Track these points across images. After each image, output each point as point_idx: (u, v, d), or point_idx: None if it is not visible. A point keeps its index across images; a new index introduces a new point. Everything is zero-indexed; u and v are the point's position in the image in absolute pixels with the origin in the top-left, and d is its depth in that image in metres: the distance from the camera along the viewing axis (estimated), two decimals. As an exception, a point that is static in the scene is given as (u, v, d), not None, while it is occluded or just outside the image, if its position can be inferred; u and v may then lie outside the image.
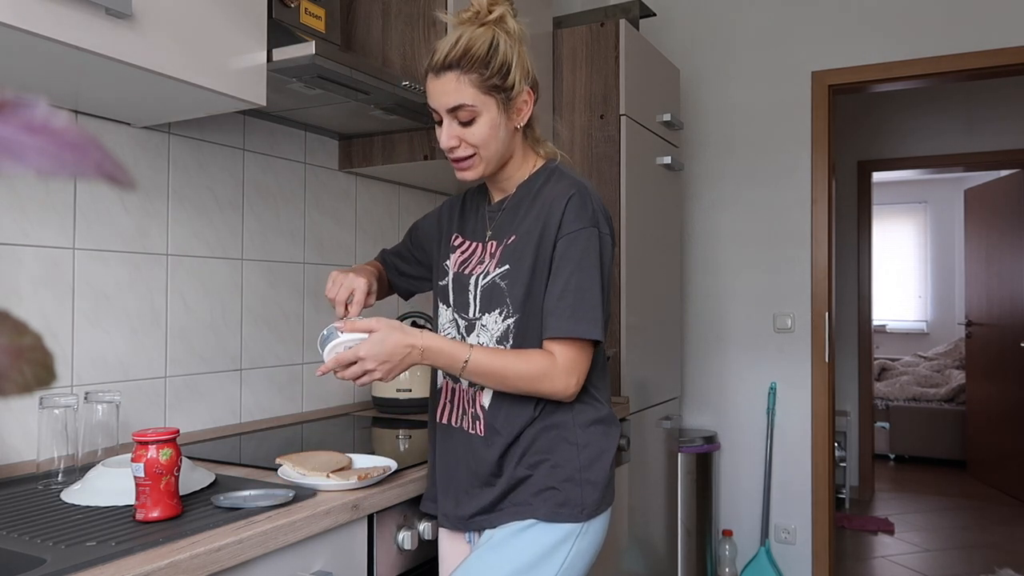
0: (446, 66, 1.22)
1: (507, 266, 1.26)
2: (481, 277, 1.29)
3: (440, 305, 1.38)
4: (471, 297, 1.30)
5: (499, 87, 1.23)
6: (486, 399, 1.28)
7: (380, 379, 1.18)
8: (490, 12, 1.24)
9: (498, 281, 1.26)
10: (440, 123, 1.27)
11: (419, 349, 1.18)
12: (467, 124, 1.24)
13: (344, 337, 1.16)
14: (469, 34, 1.22)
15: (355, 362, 1.16)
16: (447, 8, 1.93)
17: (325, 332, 1.19)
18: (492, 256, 1.29)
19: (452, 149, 1.26)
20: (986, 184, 5.32)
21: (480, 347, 1.21)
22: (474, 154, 1.26)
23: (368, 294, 1.37)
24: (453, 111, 1.23)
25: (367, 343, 1.15)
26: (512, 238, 1.27)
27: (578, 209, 1.22)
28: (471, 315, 1.30)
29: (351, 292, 1.35)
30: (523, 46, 1.27)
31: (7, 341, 0.30)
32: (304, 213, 2.06)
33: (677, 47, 3.46)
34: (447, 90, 1.22)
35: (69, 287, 1.49)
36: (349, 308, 1.36)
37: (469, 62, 1.21)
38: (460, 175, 1.29)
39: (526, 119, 1.29)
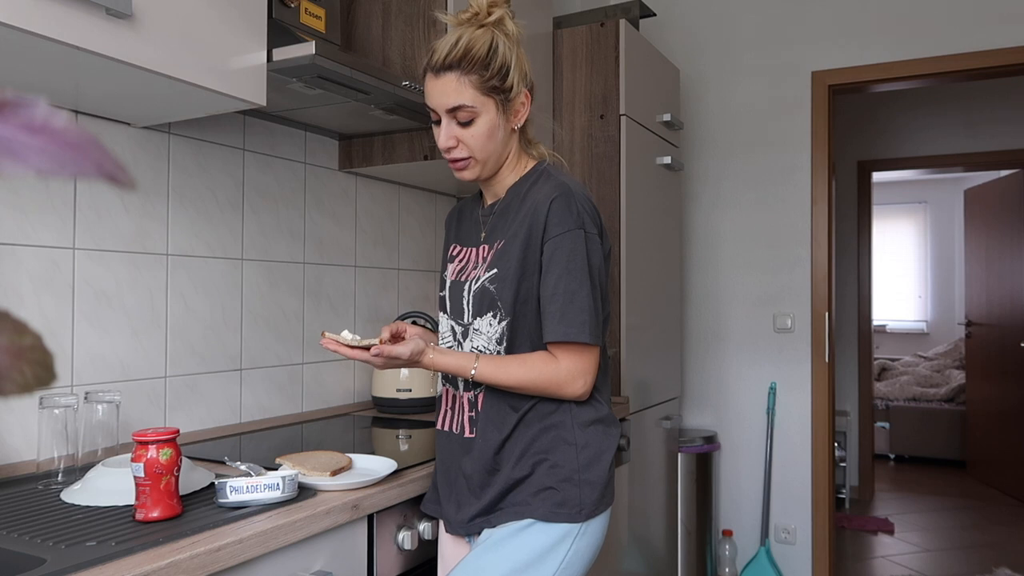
0: (446, 66, 1.22)
1: (495, 270, 1.27)
2: (473, 282, 1.30)
3: (440, 314, 1.40)
4: (465, 303, 1.31)
5: (498, 88, 1.24)
6: (481, 402, 1.29)
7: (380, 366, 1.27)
8: (489, 14, 1.24)
9: (487, 285, 1.27)
10: (438, 122, 1.28)
11: (429, 355, 1.26)
12: (466, 125, 1.25)
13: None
14: (469, 35, 1.22)
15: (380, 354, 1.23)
16: (447, 8, 1.93)
17: (228, 484, 1.12)
18: (484, 260, 1.30)
19: (449, 150, 1.27)
20: (986, 184, 5.32)
21: (485, 356, 1.25)
22: (470, 156, 1.27)
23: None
24: (452, 111, 1.24)
25: (405, 345, 1.23)
26: (501, 242, 1.28)
27: (562, 211, 1.23)
28: (465, 320, 1.31)
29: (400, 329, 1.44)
30: (520, 48, 1.28)
31: (7, 341, 0.30)
32: (304, 213, 2.06)
33: (677, 47, 3.46)
34: (447, 90, 1.23)
35: (69, 287, 1.49)
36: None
37: (469, 63, 1.21)
38: (458, 175, 1.31)
39: (523, 120, 1.31)
